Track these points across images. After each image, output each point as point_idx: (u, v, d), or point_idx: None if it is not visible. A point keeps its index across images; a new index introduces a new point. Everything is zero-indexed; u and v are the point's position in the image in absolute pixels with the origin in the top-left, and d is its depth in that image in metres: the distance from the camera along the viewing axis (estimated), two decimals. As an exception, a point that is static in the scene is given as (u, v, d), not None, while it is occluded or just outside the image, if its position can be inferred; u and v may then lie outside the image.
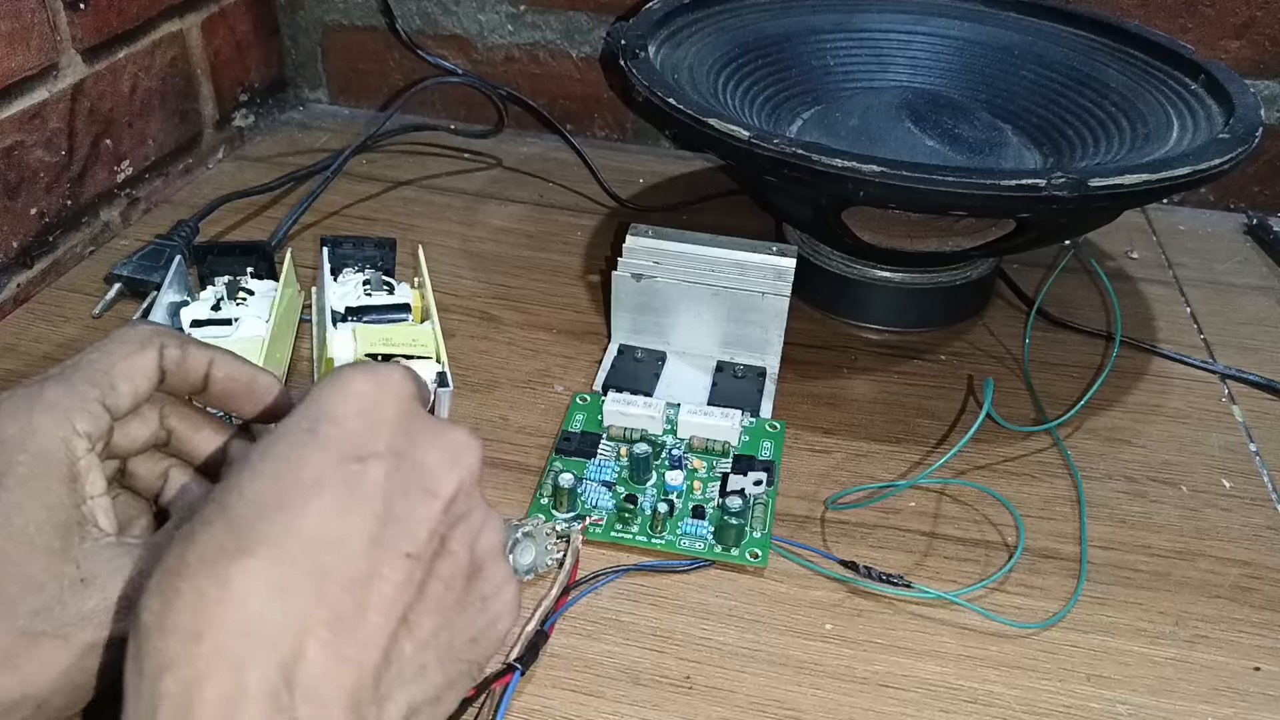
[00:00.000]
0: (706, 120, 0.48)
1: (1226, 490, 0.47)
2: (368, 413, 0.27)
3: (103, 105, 0.61)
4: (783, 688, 0.37)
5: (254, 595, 0.23)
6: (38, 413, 0.30)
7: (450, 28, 0.77)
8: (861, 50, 0.64)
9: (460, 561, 0.27)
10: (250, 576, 0.23)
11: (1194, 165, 0.45)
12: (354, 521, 0.25)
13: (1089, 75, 0.59)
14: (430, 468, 0.27)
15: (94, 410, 0.31)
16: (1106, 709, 0.37)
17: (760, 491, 0.44)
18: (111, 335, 0.34)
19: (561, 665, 0.37)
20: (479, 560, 0.29)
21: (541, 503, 0.43)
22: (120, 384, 0.32)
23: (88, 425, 0.31)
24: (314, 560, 0.24)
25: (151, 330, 0.34)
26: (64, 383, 0.31)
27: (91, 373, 0.32)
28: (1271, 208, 0.73)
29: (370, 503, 0.25)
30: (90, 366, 0.32)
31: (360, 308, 0.50)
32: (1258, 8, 0.67)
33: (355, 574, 0.24)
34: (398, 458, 0.26)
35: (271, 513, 0.24)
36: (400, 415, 0.27)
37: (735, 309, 0.50)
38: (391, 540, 0.25)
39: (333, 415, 0.27)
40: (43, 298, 0.57)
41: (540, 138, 0.78)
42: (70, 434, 0.30)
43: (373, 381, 0.27)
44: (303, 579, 0.24)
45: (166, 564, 0.24)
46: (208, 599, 0.23)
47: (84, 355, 0.33)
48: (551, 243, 0.64)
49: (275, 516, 0.24)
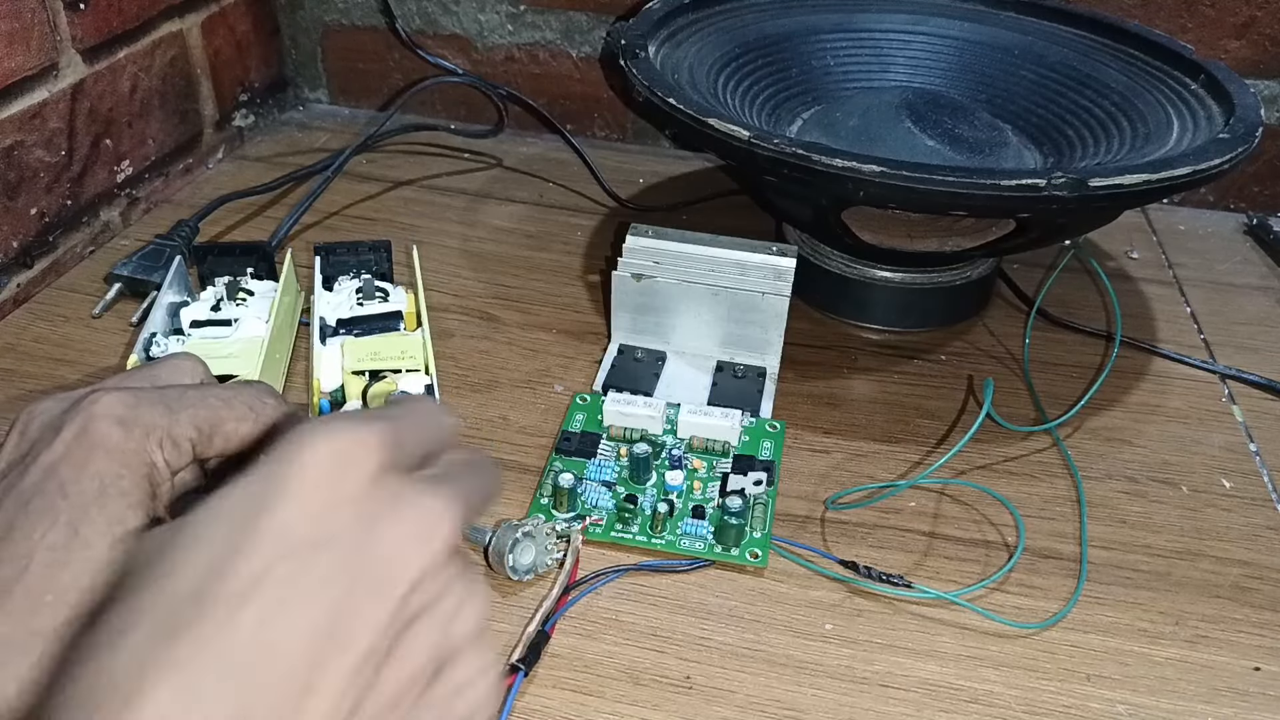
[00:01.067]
0: (706, 120, 0.48)
1: (1226, 490, 0.47)
2: (326, 487, 0.24)
3: (103, 105, 0.61)
4: (783, 688, 0.37)
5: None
6: (138, 430, 0.29)
7: (450, 28, 0.77)
8: (861, 50, 0.64)
9: (416, 662, 0.24)
10: (167, 706, 0.20)
11: (1194, 165, 0.45)
12: (292, 629, 0.22)
13: (1089, 75, 0.59)
14: (388, 556, 0.24)
15: (184, 448, 0.31)
16: (1106, 709, 0.37)
17: (760, 491, 0.44)
18: (246, 387, 0.33)
19: (562, 665, 0.37)
20: (452, 648, 0.25)
21: (541, 503, 0.43)
22: (217, 440, 0.31)
23: (173, 458, 0.30)
24: (243, 678, 0.21)
25: (277, 408, 0.33)
26: (171, 412, 0.30)
27: (201, 415, 0.31)
28: (1271, 208, 0.73)
29: (313, 606, 0.22)
30: (204, 407, 0.31)
31: (352, 319, 0.50)
32: (1258, 8, 0.67)
33: (289, 691, 0.22)
34: (354, 545, 0.23)
35: (202, 619, 0.21)
36: (363, 490, 0.24)
37: (735, 309, 0.50)
38: (333, 650, 0.22)
39: (286, 489, 0.23)
40: (43, 298, 0.57)
41: (540, 138, 0.78)
42: (159, 460, 0.30)
43: (337, 448, 0.24)
44: (228, 703, 0.21)
45: (76, 683, 0.21)
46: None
47: (208, 392, 0.32)
48: (551, 243, 0.64)
49: (204, 624, 0.21)
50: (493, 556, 0.40)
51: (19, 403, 0.48)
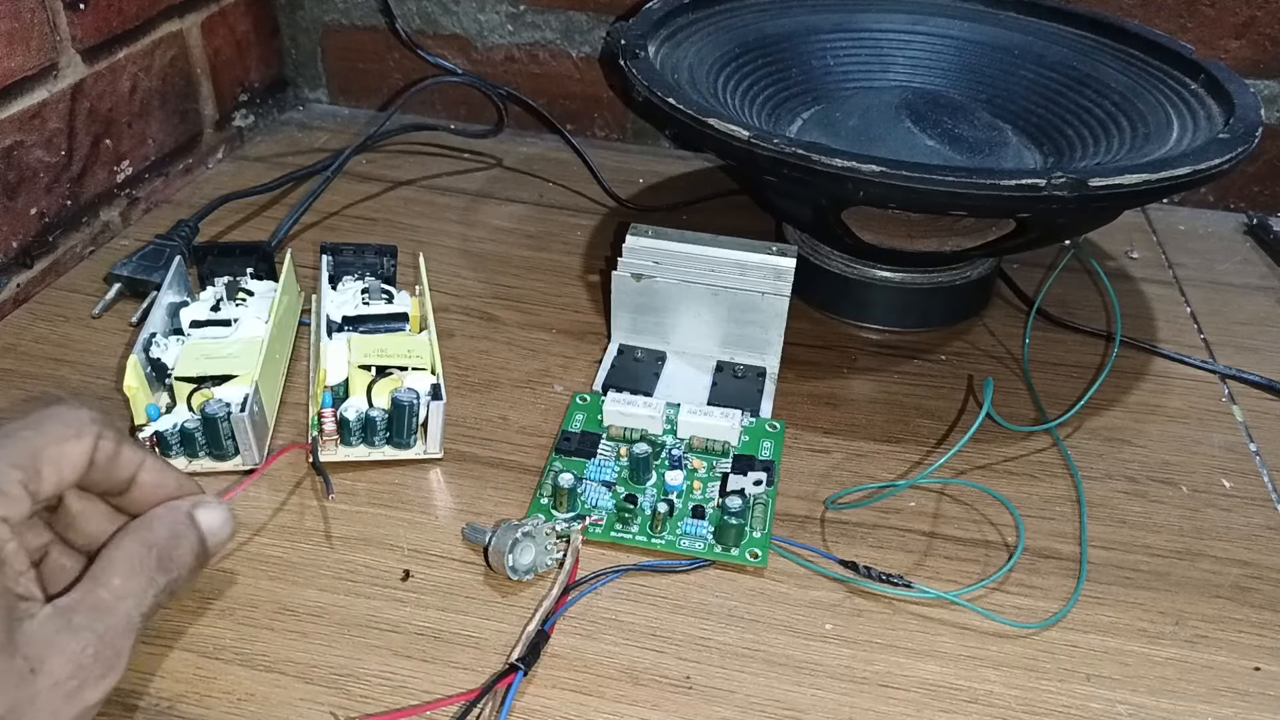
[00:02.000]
0: (706, 120, 0.48)
1: (1226, 490, 0.47)
2: None
3: (102, 105, 0.61)
4: (783, 688, 0.37)
5: None
6: None
7: (450, 28, 0.77)
8: (861, 50, 0.64)
9: None
10: None
11: (1194, 165, 0.45)
12: None
13: (1089, 75, 0.59)
14: None
15: (15, 494, 0.30)
16: (1106, 709, 0.37)
17: (760, 491, 0.44)
18: (50, 412, 0.32)
19: (561, 665, 0.37)
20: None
21: (541, 503, 0.43)
22: (46, 469, 0.31)
23: (6, 508, 0.29)
24: None
25: (91, 418, 0.32)
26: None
27: (17, 453, 0.30)
28: (1271, 208, 0.72)
29: None
30: (18, 444, 0.30)
31: (357, 317, 0.50)
32: (1258, 8, 0.67)
33: None
34: None
35: None
36: None
37: (735, 309, 0.50)
38: None
39: None
40: (43, 298, 0.57)
41: (540, 138, 0.78)
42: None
43: None
44: None
45: None
46: None
47: (15, 428, 0.31)
48: (551, 243, 0.64)
49: None
50: (492, 556, 0.40)
51: (19, 403, 0.48)
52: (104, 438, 0.33)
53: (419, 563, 0.41)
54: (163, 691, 0.35)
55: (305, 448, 0.45)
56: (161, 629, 0.37)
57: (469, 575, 0.40)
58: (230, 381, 0.45)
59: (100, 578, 0.31)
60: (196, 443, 0.44)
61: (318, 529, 0.42)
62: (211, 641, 0.37)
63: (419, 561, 0.41)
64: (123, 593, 0.31)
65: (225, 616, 0.38)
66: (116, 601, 0.31)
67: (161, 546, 0.33)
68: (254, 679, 0.36)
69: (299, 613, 0.38)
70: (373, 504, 0.44)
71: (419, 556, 0.41)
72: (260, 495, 0.44)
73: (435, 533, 0.42)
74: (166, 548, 0.33)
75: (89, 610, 0.30)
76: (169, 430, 0.44)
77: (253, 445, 0.44)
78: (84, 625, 0.30)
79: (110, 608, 0.31)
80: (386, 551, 0.41)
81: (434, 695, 0.35)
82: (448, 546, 0.42)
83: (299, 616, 0.38)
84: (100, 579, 0.31)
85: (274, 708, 0.35)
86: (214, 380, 0.45)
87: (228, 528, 0.36)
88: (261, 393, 0.45)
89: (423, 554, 0.41)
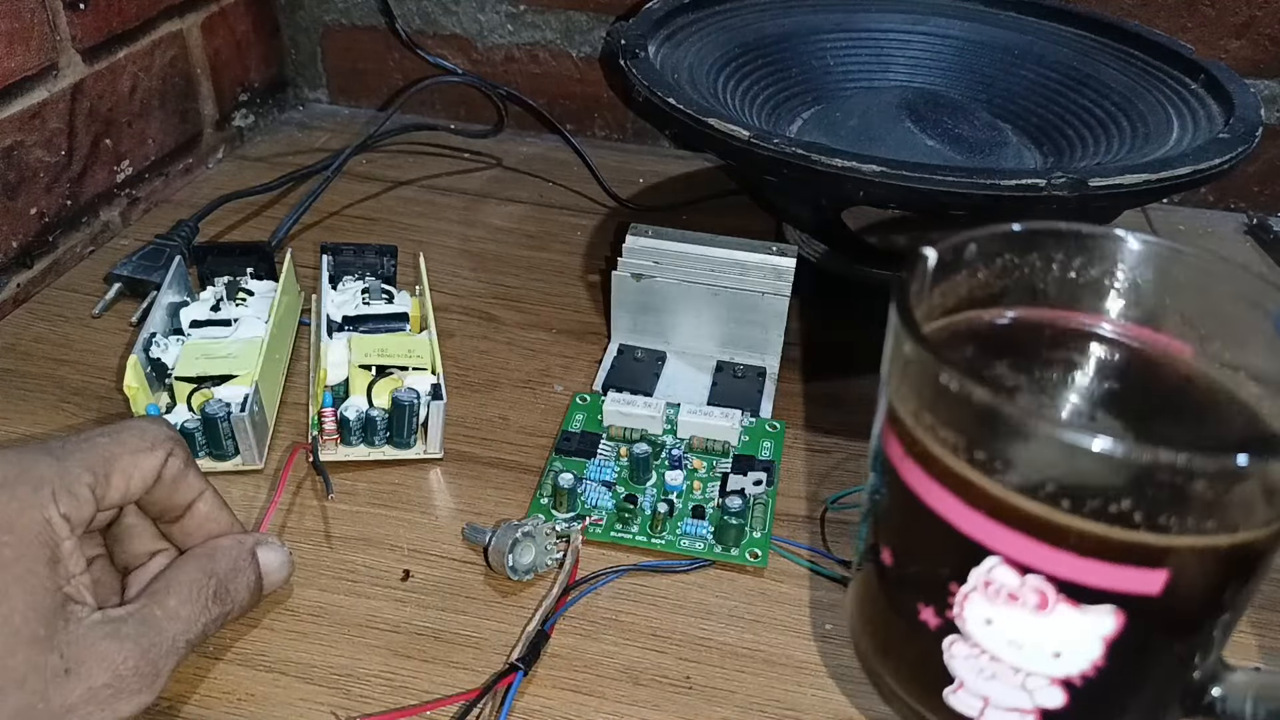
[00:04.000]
0: (706, 120, 0.48)
1: (1226, 490, 0.47)
2: None
3: (102, 105, 0.61)
4: (783, 688, 0.37)
5: None
6: (23, 488, 0.29)
7: (450, 28, 0.77)
8: (861, 50, 0.64)
9: None
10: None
11: (1194, 165, 0.45)
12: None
13: (1089, 75, 0.59)
14: None
15: (83, 495, 0.30)
16: (1106, 709, 0.37)
17: (760, 491, 0.44)
18: (128, 423, 0.33)
19: (561, 665, 0.37)
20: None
21: (541, 503, 0.43)
22: (116, 478, 0.31)
23: (72, 509, 0.30)
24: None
25: (168, 435, 0.33)
26: (59, 460, 0.30)
27: (92, 457, 0.31)
28: (1271, 208, 0.72)
29: None
30: (92, 450, 0.31)
31: (357, 317, 0.50)
32: (1258, 8, 0.67)
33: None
34: None
35: None
36: None
37: (735, 309, 0.50)
38: None
39: None
40: (43, 298, 0.57)
41: (540, 138, 0.78)
42: (55, 516, 0.29)
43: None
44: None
45: None
46: None
47: (94, 434, 0.32)
48: (551, 243, 0.64)
49: None
50: (492, 556, 0.40)
51: (19, 403, 0.48)
52: (174, 455, 0.33)
53: (419, 563, 0.41)
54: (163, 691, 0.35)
55: (305, 447, 0.45)
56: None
57: (469, 575, 0.40)
58: (230, 381, 0.45)
59: (157, 596, 0.32)
60: (196, 443, 0.44)
61: (318, 529, 0.42)
62: (212, 641, 0.37)
63: (419, 561, 0.41)
64: (176, 615, 0.32)
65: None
66: (168, 622, 0.31)
67: (221, 577, 0.34)
68: (254, 679, 0.36)
69: (299, 613, 0.38)
70: (373, 504, 0.44)
71: (419, 556, 0.41)
72: (260, 495, 0.44)
73: (435, 533, 0.42)
74: (225, 579, 0.34)
75: (139, 623, 0.31)
76: (169, 430, 0.44)
77: (253, 445, 0.44)
78: (130, 636, 0.30)
79: (160, 626, 0.31)
80: (386, 551, 0.41)
81: (434, 695, 0.35)
82: (448, 546, 0.42)
83: (299, 616, 0.38)
84: (157, 597, 0.32)
85: (274, 708, 0.35)
86: (214, 380, 0.45)
87: (285, 569, 0.38)
88: (261, 393, 0.45)
89: (423, 554, 0.41)
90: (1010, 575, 0.25)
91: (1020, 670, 0.26)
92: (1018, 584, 0.25)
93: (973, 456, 0.25)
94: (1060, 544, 0.24)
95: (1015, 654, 0.26)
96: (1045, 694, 0.26)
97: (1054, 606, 0.25)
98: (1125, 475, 0.23)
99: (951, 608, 0.26)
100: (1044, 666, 0.26)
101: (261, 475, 0.45)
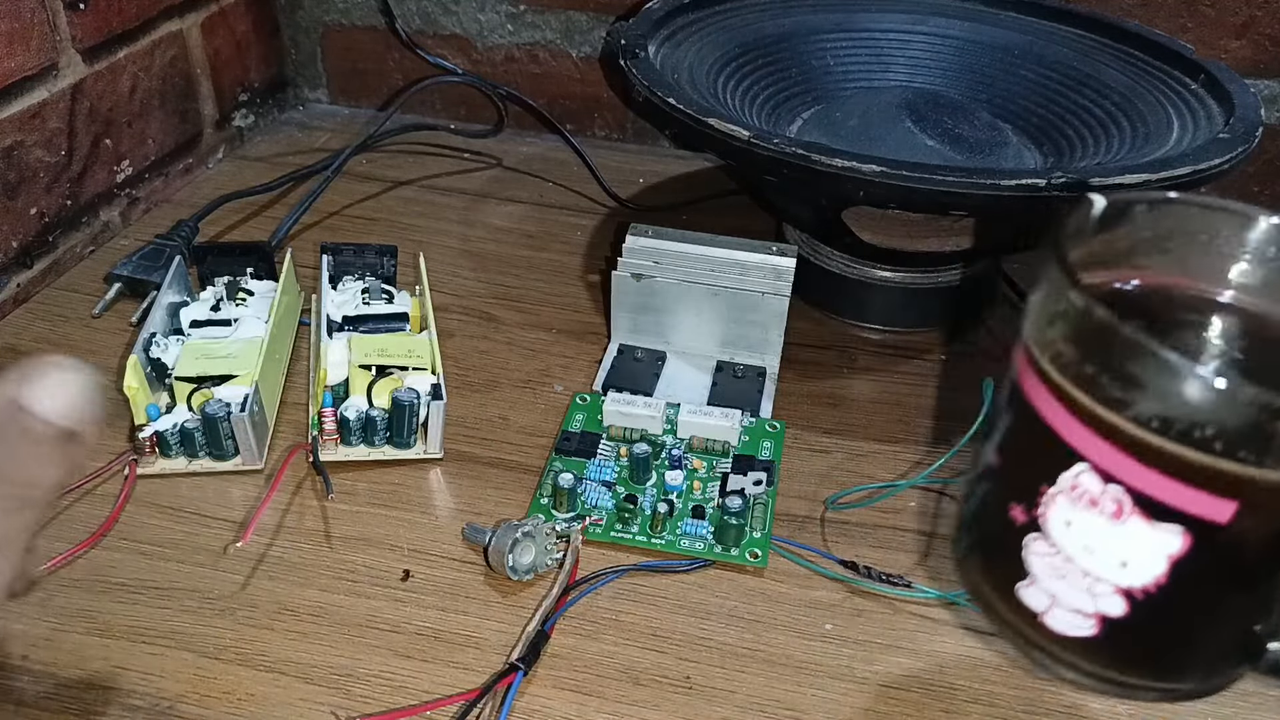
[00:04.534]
0: (706, 120, 0.48)
1: (1226, 490, 0.47)
2: None
3: (102, 105, 0.61)
4: (783, 688, 0.37)
5: None
6: None
7: (450, 28, 0.77)
8: (861, 50, 0.64)
9: None
10: None
11: (1194, 165, 0.45)
12: None
13: (1089, 75, 0.59)
14: None
15: None
16: (1106, 709, 0.37)
17: (760, 491, 0.44)
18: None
19: (561, 665, 0.37)
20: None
21: (541, 503, 0.43)
22: None
23: None
24: None
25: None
26: None
27: None
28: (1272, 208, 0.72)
29: None
30: None
31: (357, 317, 0.50)
32: (1258, 8, 0.67)
33: None
34: None
35: None
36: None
37: (735, 309, 0.50)
38: None
39: None
40: (43, 298, 0.57)
41: (540, 138, 0.78)
42: None
43: None
44: None
45: None
46: None
47: None
48: (551, 243, 0.64)
49: None
50: (492, 556, 0.40)
51: (19, 403, 0.48)
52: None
53: (419, 563, 0.41)
54: (163, 691, 0.35)
55: (305, 447, 0.45)
56: (161, 629, 0.37)
57: (469, 575, 0.40)
58: (230, 381, 0.45)
59: None
60: (196, 443, 0.44)
61: (318, 529, 0.42)
62: (211, 641, 0.37)
63: (419, 561, 0.41)
64: None
65: (225, 616, 0.38)
66: None
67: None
68: (254, 679, 0.36)
69: (299, 613, 0.38)
70: (373, 504, 0.44)
71: (419, 556, 0.41)
72: (260, 496, 0.44)
73: (435, 533, 0.42)
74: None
75: None
76: (169, 430, 0.44)
77: (253, 445, 0.44)
78: None
79: None
80: (386, 551, 0.41)
81: (434, 695, 0.35)
82: (448, 546, 0.42)
83: (299, 616, 0.38)
84: None
85: (274, 708, 0.35)
86: (214, 380, 0.45)
87: (84, 396, 0.24)
88: (261, 393, 0.45)
89: (423, 554, 0.41)
90: (1095, 482, 0.27)
91: (1089, 574, 0.28)
92: (1099, 490, 0.27)
93: (1080, 372, 0.27)
94: (1143, 459, 0.26)
95: (1087, 558, 0.28)
96: (1108, 601, 0.28)
97: (1128, 517, 0.26)
98: (1219, 407, 0.24)
99: (1039, 506, 0.28)
100: (1111, 573, 0.27)
101: (261, 475, 0.45)
